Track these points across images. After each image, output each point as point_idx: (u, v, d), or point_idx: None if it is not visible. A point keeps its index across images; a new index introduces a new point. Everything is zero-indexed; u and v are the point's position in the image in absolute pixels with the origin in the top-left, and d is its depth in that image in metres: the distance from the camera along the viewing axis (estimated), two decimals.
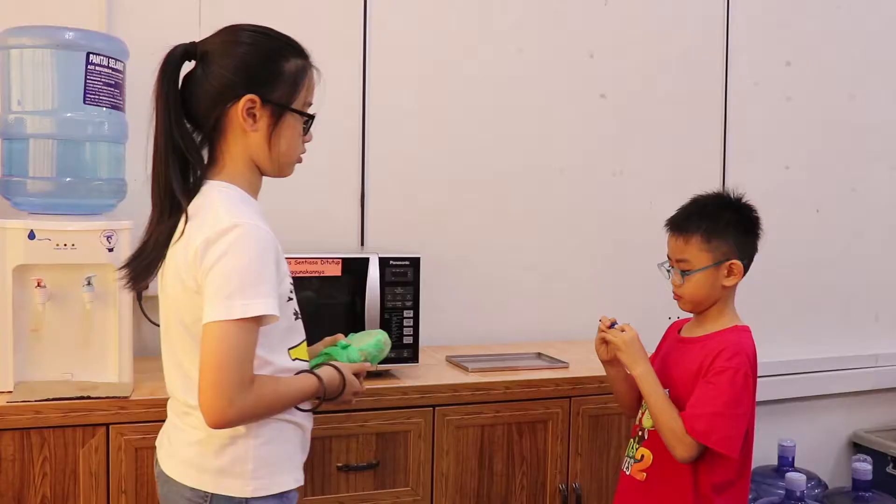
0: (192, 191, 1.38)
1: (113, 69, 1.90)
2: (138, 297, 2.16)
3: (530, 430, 2.09)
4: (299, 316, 1.46)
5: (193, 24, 2.27)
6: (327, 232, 2.41)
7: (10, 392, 1.76)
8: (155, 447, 1.53)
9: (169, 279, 1.39)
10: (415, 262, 2.08)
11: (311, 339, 2.07)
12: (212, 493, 1.36)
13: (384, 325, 2.03)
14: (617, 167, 2.81)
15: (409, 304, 2.06)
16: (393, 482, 1.99)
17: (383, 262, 2.04)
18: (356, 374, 1.52)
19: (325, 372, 1.46)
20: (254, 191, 1.43)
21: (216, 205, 1.33)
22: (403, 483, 2.00)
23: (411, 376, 2.07)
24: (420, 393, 1.99)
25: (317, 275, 1.98)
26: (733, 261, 1.68)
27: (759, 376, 1.75)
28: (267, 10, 2.35)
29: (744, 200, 1.74)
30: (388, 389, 1.97)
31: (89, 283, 1.81)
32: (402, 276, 2.06)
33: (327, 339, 1.67)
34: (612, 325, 1.75)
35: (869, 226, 3.22)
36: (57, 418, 1.71)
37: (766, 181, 2.98)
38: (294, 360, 1.43)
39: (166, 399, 1.78)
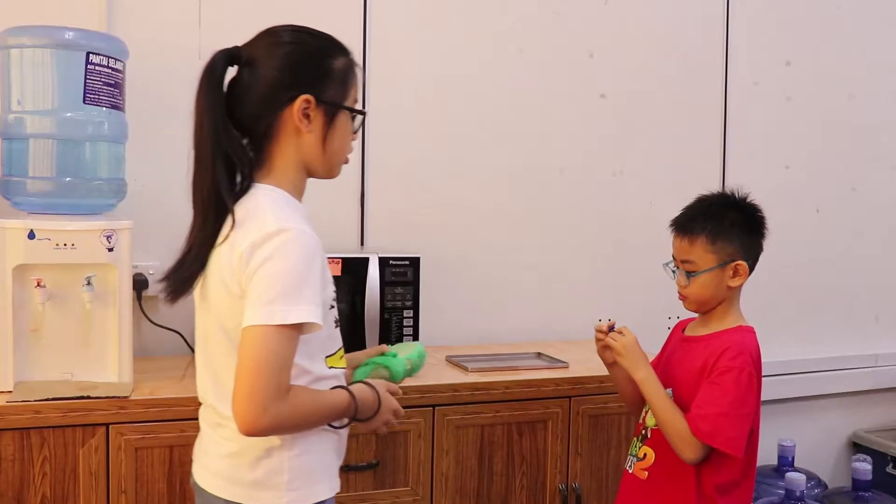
0: (238, 195, 1.34)
1: (113, 69, 1.90)
2: (138, 297, 2.17)
3: (530, 429, 2.09)
4: (339, 324, 1.44)
5: (193, 24, 2.27)
6: (327, 232, 2.36)
7: (10, 392, 1.76)
8: (148, 448, 1.53)
9: (210, 284, 1.35)
10: (414, 262, 2.08)
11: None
12: None
13: (384, 324, 2.03)
14: (617, 167, 2.81)
15: (408, 303, 2.06)
16: (393, 482, 1.99)
17: (383, 262, 2.04)
18: (390, 394, 1.48)
19: (358, 389, 1.40)
20: (299, 194, 1.40)
21: (263, 209, 1.31)
22: (403, 483, 2.00)
23: (411, 376, 2.07)
24: (420, 393, 1.99)
25: None
26: (738, 262, 1.68)
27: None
28: (267, 10, 2.35)
29: (749, 200, 1.74)
30: None
31: (89, 283, 1.81)
32: (402, 275, 2.06)
33: (370, 349, 1.66)
34: (611, 328, 1.74)
35: (869, 226, 3.22)
36: (57, 418, 1.71)
37: (766, 181, 2.98)
38: (330, 368, 1.40)
39: (166, 399, 1.79)
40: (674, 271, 1.75)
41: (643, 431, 1.76)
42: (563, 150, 2.74)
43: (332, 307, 1.39)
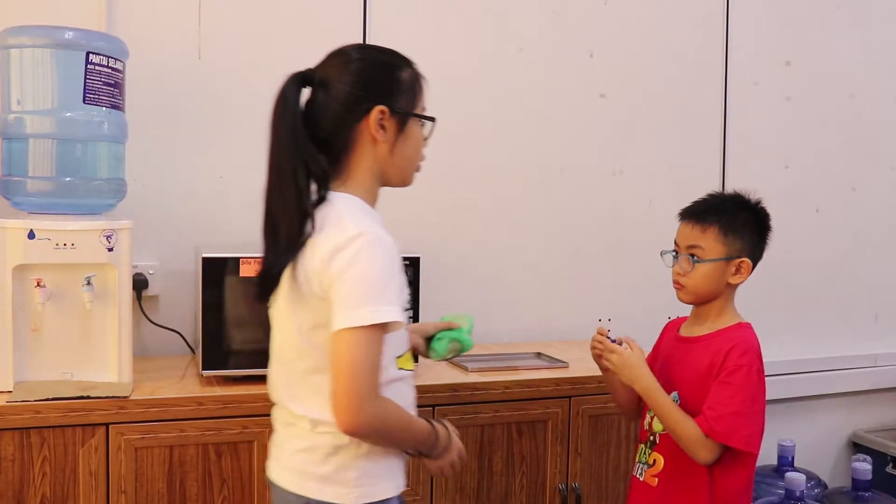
0: (315, 204, 1.39)
1: (113, 69, 1.90)
2: (138, 297, 2.17)
3: (530, 429, 2.09)
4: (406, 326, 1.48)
5: (193, 24, 2.27)
6: None
7: (10, 392, 1.76)
8: (148, 448, 1.53)
9: (288, 287, 1.40)
10: (415, 262, 2.08)
11: None
12: (316, 500, 1.38)
13: None
14: (617, 167, 2.81)
15: (409, 304, 2.06)
16: None
17: None
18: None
19: (437, 425, 1.47)
20: (373, 202, 1.46)
21: (341, 214, 1.36)
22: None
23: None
24: (419, 393, 1.98)
25: None
26: (744, 259, 1.69)
27: None
28: (267, 10, 2.35)
29: (760, 205, 1.74)
30: None
31: (89, 283, 1.81)
32: None
33: (438, 323, 1.72)
34: (613, 340, 1.73)
35: (869, 226, 3.22)
36: (56, 418, 1.71)
37: (765, 181, 2.97)
38: (399, 369, 1.44)
39: (165, 399, 1.79)
40: (675, 257, 1.74)
41: (650, 437, 1.75)
42: (564, 149, 2.74)
43: (407, 309, 1.45)
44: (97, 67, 1.86)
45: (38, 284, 1.79)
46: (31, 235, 1.77)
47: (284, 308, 1.42)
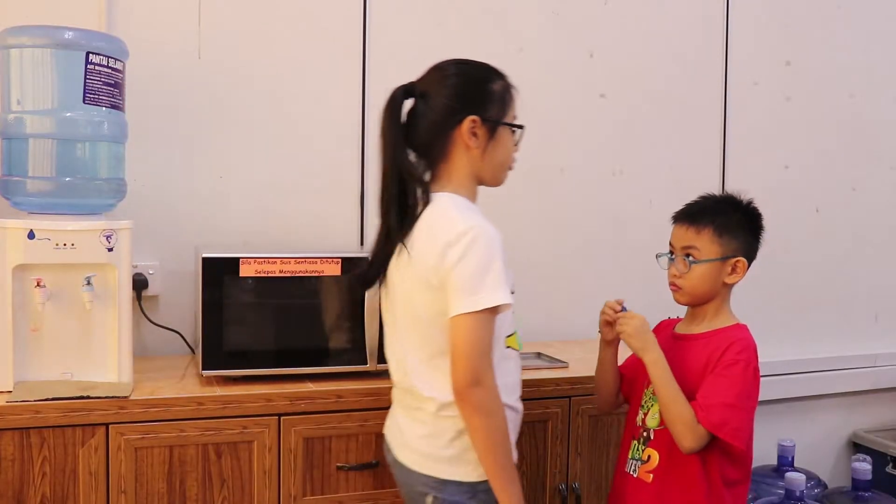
0: (420, 206, 1.56)
1: (113, 69, 1.90)
2: (138, 297, 2.17)
3: (530, 429, 2.09)
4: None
5: (193, 24, 2.27)
6: (327, 232, 2.41)
7: (10, 392, 1.76)
8: (148, 448, 1.53)
9: (401, 279, 1.58)
10: None
11: (309, 339, 2.07)
12: (444, 480, 1.55)
13: (383, 325, 2.02)
14: (617, 167, 2.81)
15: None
16: (392, 482, 1.98)
17: None
18: None
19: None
20: (473, 199, 1.62)
21: (449, 213, 1.53)
22: None
23: None
24: None
25: (316, 274, 1.98)
26: (740, 258, 1.71)
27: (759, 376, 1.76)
28: (267, 10, 2.35)
29: (752, 205, 1.77)
30: (388, 389, 1.96)
31: (89, 283, 1.81)
32: None
33: None
34: (623, 308, 1.77)
35: (869, 226, 3.22)
36: (56, 418, 1.71)
37: (765, 181, 2.98)
38: (507, 347, 1.60)
39: (165, 399, 1.79)
40: (670, 259, 1.76)
41: (644, 434, 1.75)
42: (564, 149, 2.74)
43: (513, 292, 1.56)
44: (97, 67, 1.86)
45: (38, 284, 1.79)
46: (31, 235, 1.77)
47: (401, 299, 1.58)
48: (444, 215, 1.53)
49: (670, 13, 2.85)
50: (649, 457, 1.72)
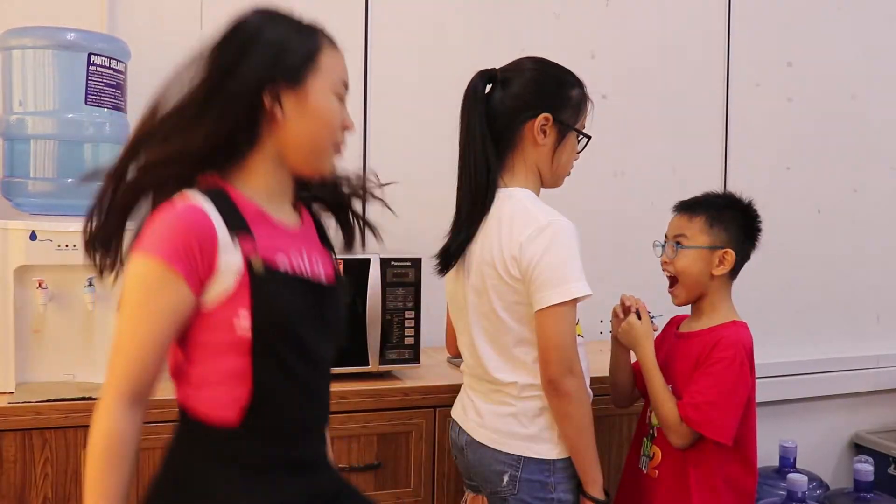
0: (491, 197, 1.62)
1: (114, 70, 1.90)
2: None
3: None
4: None
5: (195, 25, 2.27)
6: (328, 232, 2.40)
7: (12, 393, 1.76)
8: (149, 449, 1.53)
9: (478, 269, 1.62)
10: (416, 263, 2.08)
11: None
12: (524, 457, 1.59)
13: (385, 325, 2.02)
14: (618, 168, 2.81)
15: (410, 304, 2.06)
16: (394, 483, 1.99)
17: (384, 263, 2.04)
18: None
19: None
20: (538, 193, 1.67)
21: (528, 208, 1.59)
22: (405, 484, 2.00)
23: (413, 377, 2.07)
24: (421, 394, 1.99)
25: None
26: (728, 250, 1.73)
27: (760, 377, 1.77)
28: None
29: (752, 207, 1.80)
30: (390, 390, 1.97)
31: (91, 284, 1.81)
32: (404, 276, 2.06)
33: None
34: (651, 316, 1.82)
35: (870, 226, 3.21)
36: (58, 419, 1.71)
37: (767, 182, 2.98)
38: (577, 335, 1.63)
39: (166, 400, 1.78)
40: (662, 247, 1.81)
41: (650, 431, 1.80)
42: None
43: None
44: (99, 68, 1.86)
45: (40, 286, 1.79)
46: (33, 237, 1.77)
47: (473, 289, 1.63)
48: (523, 209, 1.59)
49: (671, 14, 2.85)
50: (654, 453, 1.77)
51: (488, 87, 1.66)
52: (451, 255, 1.68)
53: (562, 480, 1.60)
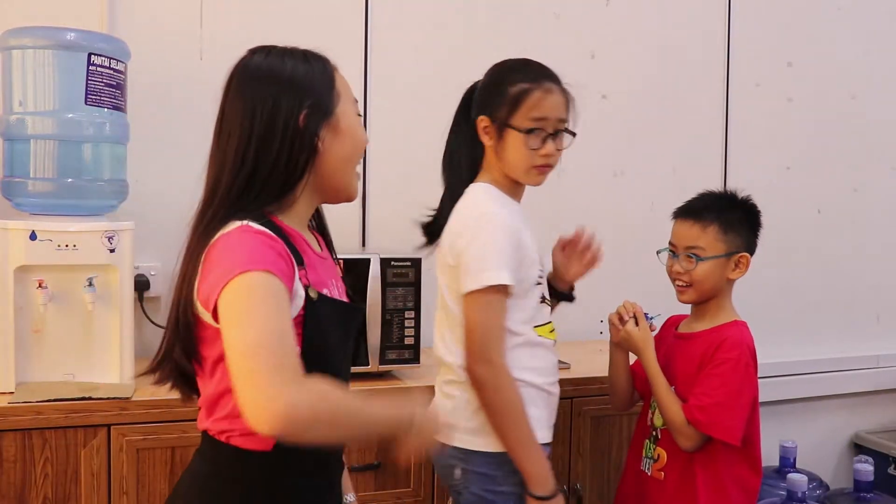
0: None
1: (114, 70, 1.90)
2: (140, 298, 2.17)
3: None
4: (547, 301, 1.72)
5: (195, 25, 2.27)
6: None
7: (12, 393, 1.76)
8: (150, 449, 1.53)
9: (438, 256, 1.70)
10: (416, 263, 2.08)
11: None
12: (469, 450, 1.60)
13: (385, 325, 2.02)
14: (618, 168, 2.81)
15: (410, 304, 2.06)
16: (394, 483, 1.99)
17: (385, 263, 2.04)
18: None
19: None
20: (511, 191, 1.70)
21: (474, 199, 1.65)
22: (405, 484, 2.00)
23: (413, 377, 2.07)
24: (422, 394, 1.99)
25: None
26: (743, 253, 1.74)
27: (761, 377, 1.77)
28: (269, 11, 2.35)
29: (751, 201, 1.81)
30: (390, 390, 1.97)
31: (91, 284, 1.81)
32: (404, 276, 2.06)
33: None
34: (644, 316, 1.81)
35: (870, 226, 3.21)
36: (58, 419, 1.71)
37: (767, 182, 2.98)
38: (540, 336, 1.66)
39: (167, 400, 1.79)
40: (673, 256, 1.78)
41: (653, 433, 1.79)
42: (565, 150, 2.72)
43: (539, 284, 1.68)
44: (99, 68, 1.86)
45: (40, 286, 1.79)
46: (33, 236, 1.77)
47: (437, 275, 1.69)
48: (467, 201, 1.65)
49: (671, 14, 2.85)
50: (659, 455, 1.76)
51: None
52: (435, 230, 1.73)
53: (508, 474, 1.58)
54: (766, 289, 2.94)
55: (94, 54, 1.84)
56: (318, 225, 1.39)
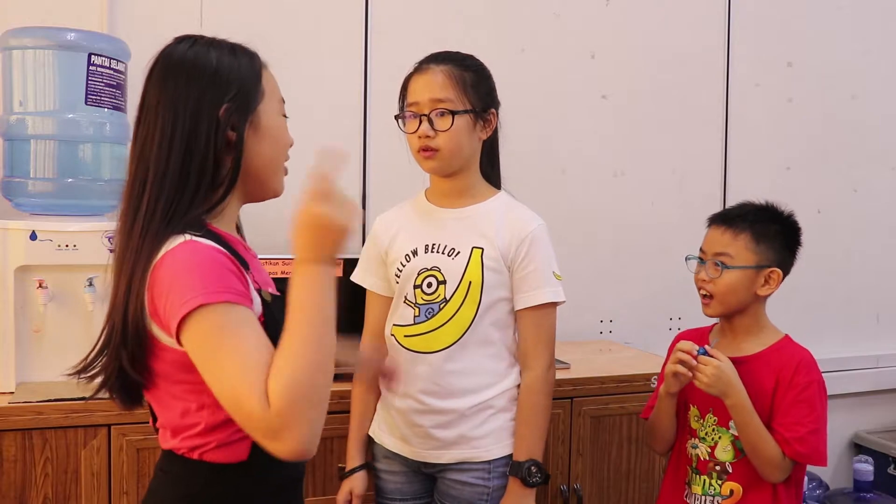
0: None
1: (114, 70, 1.90)
2: None
3: None
4: (410, 301, 1.70)
5: (195, 25, 2.27)
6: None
7: (12, 393, 1.77)
8: (150, 449, 1.53)
9: None
10: None
11: None
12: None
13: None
14: (618, 168, 2.81)
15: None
16: None
17: None
18: None
19: None
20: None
21: None
22: None
23: None
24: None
25: None
26: (775, 269, 1.64)
27: None
28: (269, 11, 2.35)
29: (793, 218, 1.70)
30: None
31: (91, 284, 1.81)
32: None
33: None
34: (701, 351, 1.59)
35: (870, 227, 3.21)
36: (58, 419, 1.71)
37: (767, 182, 2.98)
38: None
39: None
40: (701, 263, 1.66)
41: (716, 467, 1.64)
42: (565, 150, 2.74)
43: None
44: (99, 69, 1.86)
45: (40, 286, 1.79)
46: (33, 237, 1.77)
47: None
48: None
49: (671, 14, 2.85)
50: (731, 491, 1.63)
51: None
52: None
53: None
54: None
55: (94, 54, 1.85)
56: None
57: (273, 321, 1.15)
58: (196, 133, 1.14)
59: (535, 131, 2.69)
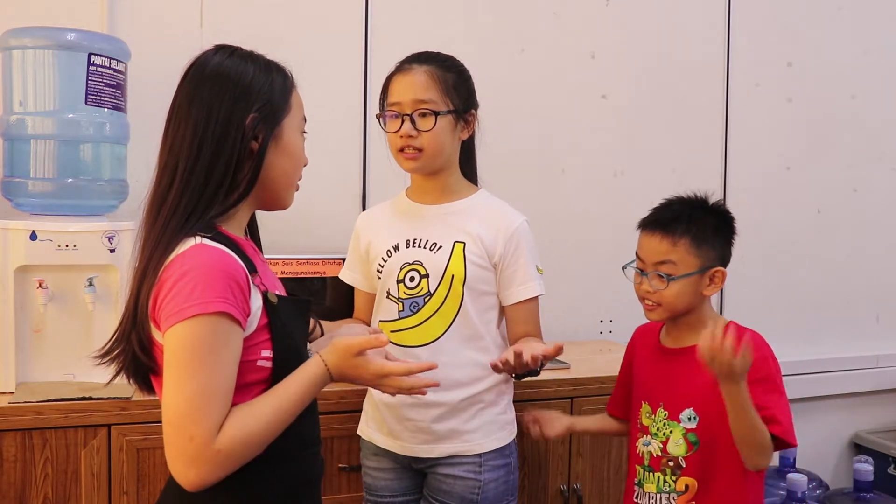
0: None
1: (114, 70, 1.90)
2: None
3: None
4: (393, 297, 1.71)
5: (195, 25, 2.27)
6: (329, 233, 2.40)
7: (12, 393, 1.77)
8: (150, 449, 1.53)
9: None
10: None
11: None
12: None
13: None
14: (618, 168, 2.81)
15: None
16: None
17: None
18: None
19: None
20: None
21: None
22: None
23: None
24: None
25: (318, 275, 1.99)
26: (718, 268, 1.59)
27: None
28: (269, 11, 2.35)
29: (724, 207, 1.67)
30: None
31: (91, 284, 1.81)
32: None
33: None
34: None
35: (870, 226, 3.21)
36: (59, 419, 1.71)
37: (767, 182, 2.98)
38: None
39: None
40: (642, 274, 1.62)
41: (670, 463, 1.62)
42: (565, 150, 2.74)
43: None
44: (99, 69, 1.86)
45: (40, 286, 1.79)
46: (33, 236, 1.77)
47: None
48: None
49: (671, 14, 2.85)
50: (686, 486, 1.60)
51: None
52: None
53: None
54: (766, 289, 2.94)
55: (94, 54, 1.85)
56: (250, 226, 1.38)
57: (278, 322, 1.20)
58: (225, 136, 1.20)
59: (535, 131, 2.69)
